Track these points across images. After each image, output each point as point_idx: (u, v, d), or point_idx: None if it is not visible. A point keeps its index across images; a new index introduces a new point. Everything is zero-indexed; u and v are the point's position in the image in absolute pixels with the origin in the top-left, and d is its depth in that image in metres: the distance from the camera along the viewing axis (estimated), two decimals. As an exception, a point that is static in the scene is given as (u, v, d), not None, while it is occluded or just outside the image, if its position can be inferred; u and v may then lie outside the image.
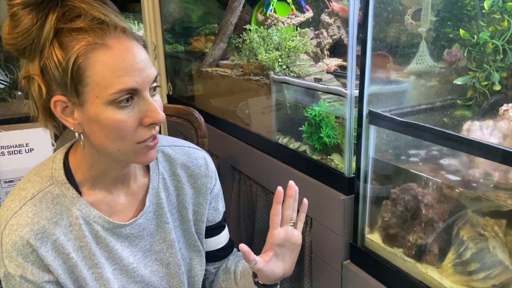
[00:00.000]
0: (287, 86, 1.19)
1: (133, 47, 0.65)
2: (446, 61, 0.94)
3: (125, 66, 0.63)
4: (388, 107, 0.90)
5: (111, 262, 0.77)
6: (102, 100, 0.63)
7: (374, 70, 0.89)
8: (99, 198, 0.76)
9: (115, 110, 0.64)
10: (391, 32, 1.00)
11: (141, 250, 0.81)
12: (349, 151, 0.98)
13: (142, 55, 0.66)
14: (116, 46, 0.63)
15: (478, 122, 0.80)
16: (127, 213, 0.79)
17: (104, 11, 0.65)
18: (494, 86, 0.86)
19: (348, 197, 0.97)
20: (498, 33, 0.84)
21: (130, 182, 0.80)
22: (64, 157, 0.76)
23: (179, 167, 0.85)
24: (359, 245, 0.96)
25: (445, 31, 0.94)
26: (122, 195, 0.79)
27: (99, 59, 0.62)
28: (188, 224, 0.87)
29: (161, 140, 0.85)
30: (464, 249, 0.77)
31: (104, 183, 0.76)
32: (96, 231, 0.75)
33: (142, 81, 0.64)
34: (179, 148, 0.87)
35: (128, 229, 0.78)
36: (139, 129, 0.67)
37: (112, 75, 0.62)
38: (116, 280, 0.78)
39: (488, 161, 0.73)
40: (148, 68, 0.66)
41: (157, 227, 0.82)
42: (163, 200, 0.83)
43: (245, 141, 1.37)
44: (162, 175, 0.83)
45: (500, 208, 0.74)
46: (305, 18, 1.40)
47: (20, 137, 1.60)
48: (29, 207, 0.71)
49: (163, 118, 0.67)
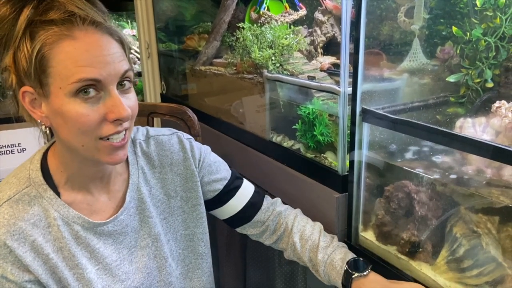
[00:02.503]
0: (281, 84, 1.19)
1: (102, 40, 0.64)
2: (439, 59, 0.94)
3: (88, 57, 0.62)
4: (381, 104, 0.90)
5: (93, 262, 0.76)
6: (64, 91, 0.63)
7: (367, 68, 0.88)
8: (78, 198, 0.76)
9: (78, 103, 0.63)
10: (384, 29, 1.00)
11: (127, 246, 0.80)
12: (342, 149, 0.98)
13: (111, 49, 0.65)
14: (82, 38, 0.63)
15: (470, 119, 0.80)
16: (108, 211, 0.78)
17: (80, 5, 0.64)
18: (487, 83, 0.86)
19: (342, 195, 0.97)
20: (491, 30, 0.84)
21: (110, 180, 0.79)
22: (42, 158, 0.75)
23: (158, 158, 0.85)
24: (353, 243, 0.97)
25: (438, 29, 0.94)
26: (102, 193, 0.78)
27: (63, 50, 0.62)
28: (179, 213, 0.86)
29: (138, 134, 0.85)
30: (457, 246, 0.77)
31: (82, 182, 0.76)
32: (76, 231, 0.74)
33: (107, 74, 0.63)
34: (153, 139, 0.86)
35: (110, 226, 0.77)
36: (103, 124, 0.66)
37: (74, 65, 0.62)
38: (100, 280, 0.76)
39: (480, 158, 0.74)
40: (116, 62, 0.65)
41: (140, 222, 0.82)
42: (145, 195, 0.82)
43: (239, 140, 1.36)
44: (142, 169, 0.83)
45: (493, 204, 0.74)
46: (298, 16, 1.40)
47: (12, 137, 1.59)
48: (5, 209, 0.70)
49: (127, 114, 0.65)
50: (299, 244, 0.91)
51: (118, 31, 0.68)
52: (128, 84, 0.68)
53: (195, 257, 0.89)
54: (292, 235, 0.92)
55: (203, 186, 0.90)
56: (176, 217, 0.87)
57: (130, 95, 0.69)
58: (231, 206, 0.93)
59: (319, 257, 0.88)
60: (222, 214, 0.95)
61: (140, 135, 0.86)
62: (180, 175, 0.87)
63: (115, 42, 0.67)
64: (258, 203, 0.95)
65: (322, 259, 0.88)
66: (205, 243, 0.91)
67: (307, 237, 0.92)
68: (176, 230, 0.87)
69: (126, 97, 0.67)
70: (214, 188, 0.91)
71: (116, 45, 0.67)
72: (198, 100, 1.72)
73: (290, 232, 0.93)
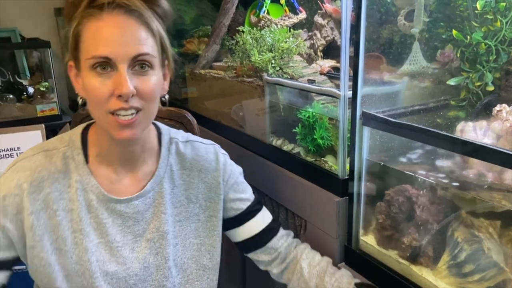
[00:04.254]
0: (281, 87, 1.19)
1: (123, 22, 0.69)
2: (439, 62, 0.94)
3: (105, 36, 0.68)
4: (381, 108, 0.90)
5: (98, 234, 0.79)
6: (86, 65, 0.70)
7: (367, 71, 0.88)
8: (103, 172, 0.81)
9: (94, 77, 0.70)
10: (384, 33, 1.00)
11: (133, 233, 0.82)
12: (343, 153, 0.98)
13: (130, 31, 0.69)
14: (107, 19, 0.69)
15: (471, 122, 0.79)
16: (126, 194, 0.82)
17: None
18: (487, 87, 0.86)
19: (342, 199, 0.96)
20: (491, 33, 0.84)
21: (136, 167, 0.83)
22: (85, 128, 0.83)
23: (190, 161, 0.88)
24: (354, 248, 0.96)
25: (438, 32, 0.93)
26: (126, 177, 0.82)
27: (90, 28, 0.69)
28: (193, 220, 0.87)
29: (178, 135, 0.89)
30: (459, 251, 0.76)
31: (109, 160, 0.81)
32: (90, 200, 0.79)
33: (118, 53, 0.68)
34: (191, 143, 0.90)
35: (122, 206, 0.80)
36: (111, 99, 0.70)
37: (93, 43, 0.69)
38: (97, 253, 0.79)
39: (481, 162, 0.73)
40: (130, 44, 0.69)
41: (153, 215, 0.83)
42: (166, 191, 0.84)
43: (239, 143, 1.36)
44: (170, 166, 0.86)
45: (494, 209, 0.74)
46: (298, 20, 1.40)
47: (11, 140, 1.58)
48: (40, 157, 0.79)
49: (127, 91, 0.68)
50: (306, 269, 0.93)
51: (151, 20, 0.72)
52: (145, 67, 0.71)
53: (197, 267, 0.87)
54: (301, 262, 0.94)
55: (227, 202, 0.92)
56: (190, 223, 0.87)
57: (145, 77, 0.72)
58: (249, 228, 0.94)
59: (326, 279, 0.90)
60: (238, 235, 0.96)
61: (179, 136, 0.90)
62: (205, 183, 0.88)
63: (141, 27, 0.71)
64: (275, 229, 0.97)
65: (329, 281, 0.90)
66: (211, 257, 0.89)
67: (315, 263, 0.94)
68: (187, 236, 0.86)
69: (141, 79, 0.71)
70: (237, 207, 0.93)
71: (142, 30, 0.71)
72: (198, 104, 1.72)
73: (298, 259, 0.95)
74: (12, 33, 2.30)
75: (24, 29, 2.36)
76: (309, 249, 0.97)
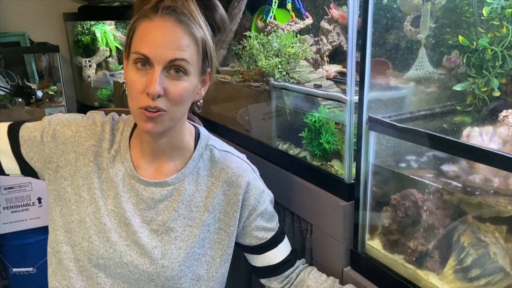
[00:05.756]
0: (287, 92, 1.19)
1: (169, 27, 0.74)
2: (445, 68, 0.94)
3: (150, 37, 0.74)
4: (387, 113, 0.91)
5: (114, 202, 0.84)
6: (131, 58, 0.76)
7: (373, 76, 0.89)
8: (136, 153, 0.87)
9: (134, 70, 0.75)
10: (390, 38, 1.01)
11: (141, 216, 0.84)
12: (349, 157, 0.98)
13: (172, 37, 0.74)
14: (156, 22, 0.74)
15: (477, 128, 0.80)
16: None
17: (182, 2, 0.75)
18: (494, 92, 0.86)
19: (348, 203, 0.97)
20: (497, 39, 0.84)
21: (162, 162, 0.87)
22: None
23: (219, 170, 0.89)
24: (360, 252, 0.96)
25: (444, 38, 0.94)
26: (152, 168, 0.87)
27: (141, 27, 0.75)
28: (203, 230, 0.86)
29: (216, 143, 0.91)
30: (465, 255, 0.76)
31: (142, 147, 0.86)
32: (119, 169, 0.85)
33: (155, 55, 0.73)
34: (226, 154, 0.92)
35: (141, 187, 0.84)
36: (142, 95, 0.74)
37: (139, 40, 0.75)
38: (108, 218, 0.83)
39: (488, 167, 0.73)
40: (169, 48, 0.73)
41: (165, 208, 0.85)
42: (186, 191, 0.86)
43: (245, 147, 1.36)
44: (198, 169, 0.88)
45: (500, 214, 0.74)
46: (304, 25, 1.41)
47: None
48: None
49: (153, 91, 0.73)
50: (314, 287, 0.94)
51: (198, 30, 0.76)
52: (179, 73, 0.75)
53: (192, 276, 0.87)
54: (308, 281, 0.95)
55: (252, 229, 0.92)
56: (199, 232, 0.86)
57: (177, 82, 0.76)
58: (268, 258, 0.95)
59: None
60: (257, 261, 0.97)
61: (217, 145, 0.93)
62: (226, 195, 0.89)
63: (185, 35, 0.75)
64: (292, 260, 0.98)
65: None
66: (208, 268, 0.88)
67: (323, 281, 0.95)
68: (192, 244, 0.86)
69: (172, 83, 0.75)
70: (262, 236, 0.93)
71: (185, 38, 0.75)
72: (204, 108, 1.73)
73: (306, 279, 0.96)
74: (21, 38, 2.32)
75: (33, 33, 2.38)
76: (315, 270, 0.98)
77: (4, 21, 2.36)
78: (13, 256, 1.71)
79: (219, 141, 0.94)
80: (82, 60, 2.37)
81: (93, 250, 0.82)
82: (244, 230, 0.93)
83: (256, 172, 0.95)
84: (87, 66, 2.37)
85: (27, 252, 1.70)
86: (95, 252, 0.82)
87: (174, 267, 0.84)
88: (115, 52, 2.39)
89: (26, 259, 1.70)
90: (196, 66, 0.77)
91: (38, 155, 0.86)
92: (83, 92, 2.45)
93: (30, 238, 1.69)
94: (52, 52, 2.31)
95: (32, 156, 0.86)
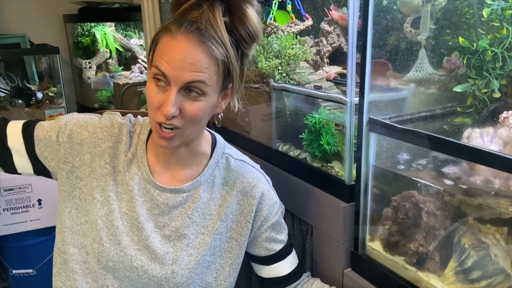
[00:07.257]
0: (287, 93, 1.19)
1: (189, 48, 0.72)
2: (446, 69, 0.94)
3: (170, 56, 0.72)
4: (388, 114, 0.90)
5: (128, 205, 0.84)
6: (152, 70, 0.75)
7: (373, 78, 0.89)
8: (153, 159, 0.86)
9: (153, 84, 0.75)
10: (390, 40, 1.01)
11: (155, 222, 0.84)
12: (349, 159, 0.98)
13: (191, 58, 0.72)
14: (178, 39, 0.72)
15: (478, 129, 0.80)
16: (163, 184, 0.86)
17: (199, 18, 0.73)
18: (494, 94, 0.86)
19: (348, 204, 0.97)
20: (497, 40, 0.84)
21: (178, 169, 0.87)
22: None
23: (234, 179, 0.89)
24: (360, 253, 0.96)
25: (444, 39, 0.94)
26: (168, 174, 0.87)
27: (164, 41, 0.74)
28: (214, 239, 0.86)
29: (232, 152, 0.92)
30: (466, 257, 0.76)
31: (158, 153, 0.86)
32: (135, 173, 0.85)
33: (173, 74, 0.72)
34: (242, 163, 0.92)
35: (156, 192, 0.84)
36: (158, 111, 0.74)
37: (160, 55, 0.74)
38: (120, 220, 0.83)
39: (488, 168, 0.73)
40: (187, 70, 0.72)
41: (179, 214, 0.84)
42: (201, 199, 0.86)
43: (245, 149, 1.36)
44: (213, 177, 0.88)
45: (501, 215, 0.74)
46: (304, 27, 1.41)
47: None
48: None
49: (167, 112, 0.72)
50: None
51: (220, 49, 0.74)
52: (196, 94, 0.74)
53: (201, 284, 0.87)
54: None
55: (263, 240, 0.92)
56: (211, 240, 0.86)
57: (194, 102, 0.75)
58: (276, 270, 0.95)
59: None
60: (264, 272, 0.97)
61: (233, 153, 0.92)
62: (240, 205, 0.89)
63: (204, 57, 0.72)
64: (299, 273, 0.98)
65: None
66: (217, 276, 0.88)
67: None
68: (203, 253, 0.86)
69: (189, 102, 0.74)
70: (271, 247, 0.93)
71: (205, 60, 0.72)
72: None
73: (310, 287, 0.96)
74: (22, 39, 2.33)
75: (33, 35, 2.39)
76: (318, 281, 0.98)
77: (4, 22, 2.37)
78: (13, 257, 1.71)
79: (234, 149, 0.94)
80: (82, 61, 2.37)
81: (103, 252, 0.82)
82: (254, 240, 0.93)
83: (270, 183, 0.95)
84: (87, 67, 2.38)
85: (27, 254, 1.70)
86: (105, 254, 0.82)
87: (184, 274, 0.84)
88: (115, 54, 2.39)
89: (26, 261, 1.70)
90: (216, 85, 0.76)
91: (53, 155, 0.85)
92: (83, 93, 2.45)
93: (30, 239, 1.69)
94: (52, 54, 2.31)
95: (46, 155, 0.85)
